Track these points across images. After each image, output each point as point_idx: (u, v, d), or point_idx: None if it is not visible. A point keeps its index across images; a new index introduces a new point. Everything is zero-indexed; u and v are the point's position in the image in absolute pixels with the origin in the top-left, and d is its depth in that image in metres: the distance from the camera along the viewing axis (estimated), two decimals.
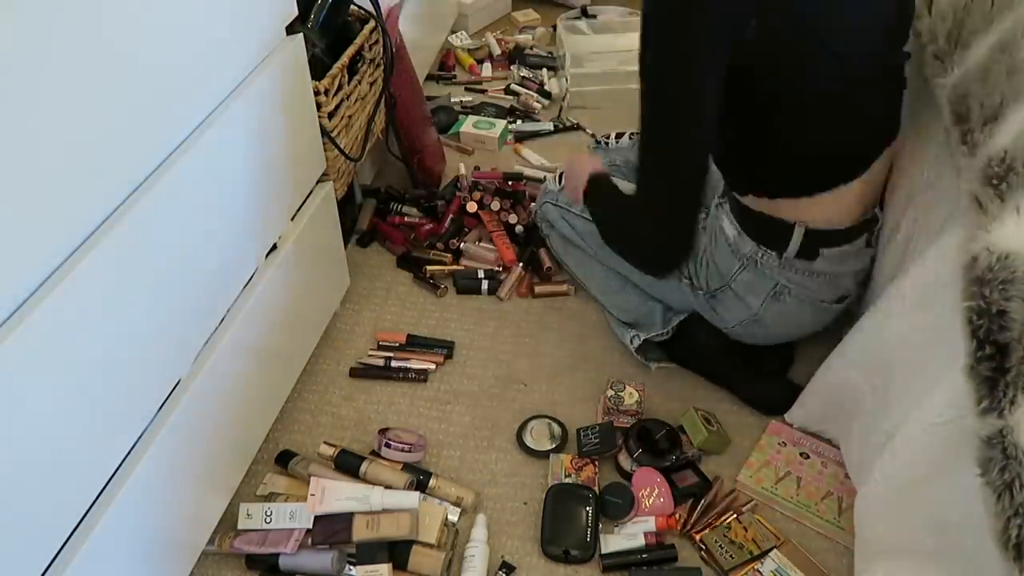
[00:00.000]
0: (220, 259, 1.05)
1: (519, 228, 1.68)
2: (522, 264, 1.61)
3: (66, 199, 0.76)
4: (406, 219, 1.72)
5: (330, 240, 1.42)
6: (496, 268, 1.62)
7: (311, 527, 1.14)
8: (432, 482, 1.22)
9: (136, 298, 0.88)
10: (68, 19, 0.72)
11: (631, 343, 1.40)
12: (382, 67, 1.50)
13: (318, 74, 1.26)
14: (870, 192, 1.17)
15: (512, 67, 2.28)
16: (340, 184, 1.42)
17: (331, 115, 1.32)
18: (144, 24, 0.83)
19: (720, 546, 1.14)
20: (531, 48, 2.36)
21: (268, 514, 1.15)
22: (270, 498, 1.21)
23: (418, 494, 1.18)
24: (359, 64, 1.41)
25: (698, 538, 1.16)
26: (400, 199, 1.75)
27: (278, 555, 1.12)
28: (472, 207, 1.69)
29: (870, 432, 1.12)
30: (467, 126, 1.99)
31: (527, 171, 1.86)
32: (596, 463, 1.26)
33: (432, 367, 1.44)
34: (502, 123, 2.00)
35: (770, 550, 1.14)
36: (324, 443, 1.27)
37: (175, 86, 0.91)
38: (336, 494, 1.16)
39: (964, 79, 0.96)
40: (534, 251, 1.63)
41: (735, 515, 1.19)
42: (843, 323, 1.39)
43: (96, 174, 0.80)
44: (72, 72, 0.74)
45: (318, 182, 1.34)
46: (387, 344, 1.48)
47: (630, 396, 1.34)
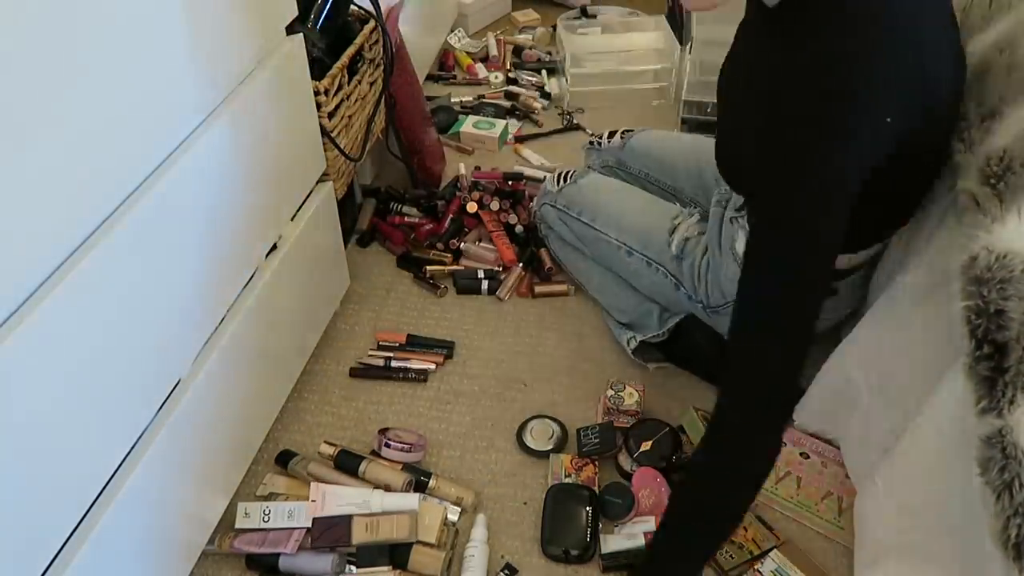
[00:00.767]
0: (220, 259, 1.05)
1: (519, 228, 1.68)
2: (522, 264, 1.61)
3: (66, 199, 0.76)
4: (406, 219, 1.72)
5: (330, 240, 1.42)
6: (496, 268, 1.62)
7: (310, 527, 1.14)
8: (432, 482, 1.22)
9: (136, 298, 0.88)
10: (68, 18, 0.72)
11: (628, 345, 1.40)
12: (382, 67, 1.50)
13: (318, 74, 1.26)
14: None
15: (511, 72, 2.28)
16: (340, 184, 1.43)
17: (331, 115, 1.32)
18: (144, 24, 0.83)
19: None
20: (531, 48, 2.36)
21: (266, 513, 1.15)
22: (270, 498, 1.21)
23: (418, 496, 1.18)
24: (359, 64, 1.42)
25: None
26: (400, 199, 1.75)
27: (278, 555, 1.12)
28: (472, 207, 1.69)
29: (870, 432, 1.12)
30: (467, 126, 1.99)
31: (527, 171, 1.86)
32: (596, 463, 1.26)
33: (432, 367, 1.44)
34: (502, 123, 2.00)
35: (770, 550, 1.14)
36: (324, 443, 1.27)
37: (175, 86, 0.91)
38: (336, 500, 1.16)
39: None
40: (534, 251, 1.63)
41: None
42: (843, 323, 1.39)
43: (95, 174, 0.80)
44: (72, 71, 0.74)
45: (318, 182, 1.34)
46: (387, 344, 1.48)
47: (630, 396, 1.34)
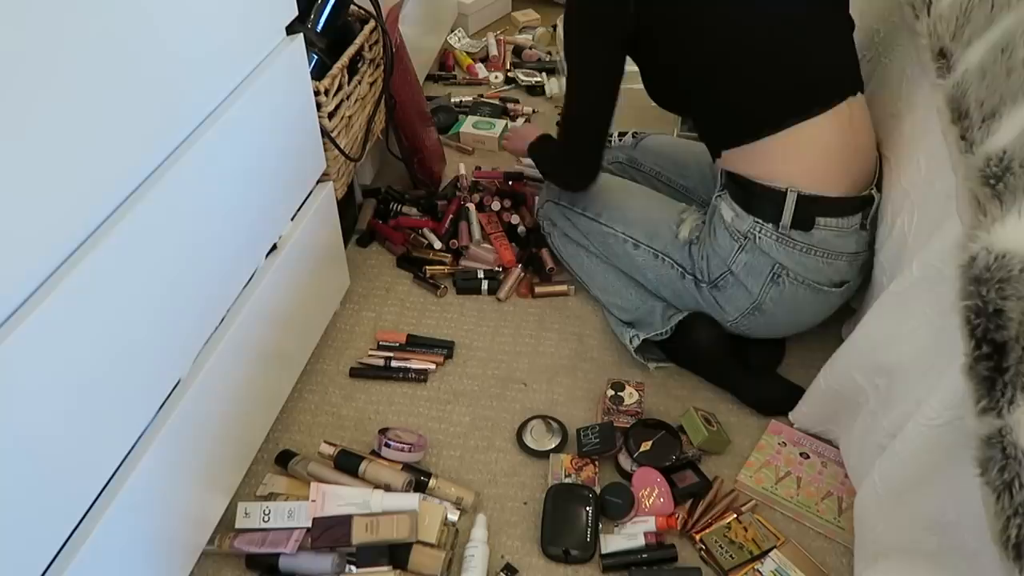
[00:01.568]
0: (220, 259, 1.05)
1: (521, 229, 1.68)
2: (521, 266, 1.61)
3: (66, 199, 0.76)
4: (407, 219, 1.72)
5: (330, 240, 1.42)
6: (496, 268, 1.62)
7: (310, 527, 1.14)
8: (432, 482, 1.22)
9: (136, 298, 0.88)
10: (68, 18, 0.72)
11: (630, 343, 1.40)
12: (382, 67, 1.50)
13: (318, 74, 1.26)
14: (850, 154, 1.21)
15: (510, 71, 2.28)
16: (340, 184, 1.43)
17: (331, 115, 1.32)
18: (144, 24, 0.83)
19: (720, 546, 1.14)
20: (531, 48, 2.36)
21: (266, 513, 1.15)
22: (270, 498, 1.21)
23: (418, 496, 1.18)
24: (359, 64, 1.42)
25: (698, 538, 1.16)
26: (400, 199, 1.75)
27: (278, 555, 1.12)
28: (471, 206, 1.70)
29: (870, 432, 1.12)
30: (467, 126, 1.99)
31: (527, 171, 1.86)
32: (596, 463, 1.26)
33: (432, 367, 1.44)
34: (502, 123, 2.00)
35: (770, 550, 1.14)
36: (324, 443, 1.27)
37: (175, 86, 0.91)
38: (336, 500, 1.16)
39: (964, 78, 0.96)
40: (536, 252, 1.63)
41: (735, 515, 1.19)
42: (843, 323, 1.39)
43: (96, 174, 0.80)
44: (73, 72, 0.74)
45: (318, 182, 1.34)
46: (387, 344, 1.48)
47: (630, 396, 1.34)
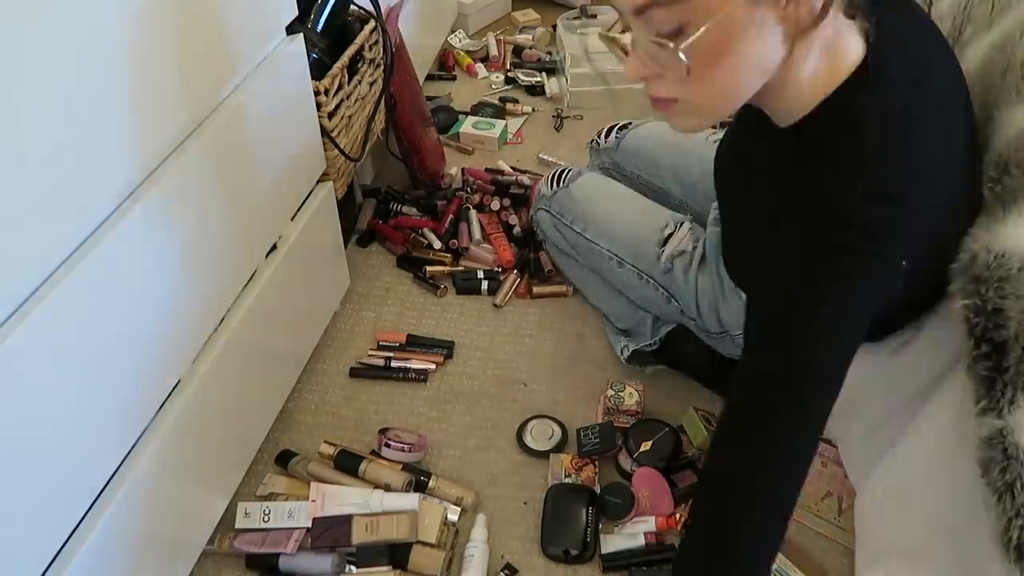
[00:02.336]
0: (220, 258, 1.05)
1: (517, 230, 1.68)
2: (517, 270, 1.61)
3: (65, 198, 0.76)
4: (410, 219, 1.72)
5: (330, 240, 1.42)
6: (496, 269, 1.62)
7: (310, 527, 1.14)
8: (432, 482, 1.22)
9: (136, 298, 0.88)
10: (69, 18, 0.72)
11: (621, 354, 1.40)
12: (382, 67, 1.50)
13: (318, 74, 1.26)
14: None
15: (510, 71, 2.27)
16: (340, 184, 1.43)
17: (331, 115, 1.31)
18: (144, 24, 0.83)
19: None
20: (531, 48, 2.35)
21: (266, 513, 1.15)
22: (270, 498, 1.20)
23: (418, 496, 1.18)
24: (359, 64, 1.41)
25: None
26: (400, 199, 1.75)
27: (278, 555, 1.12)
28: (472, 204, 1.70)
29: (870, 433, 1.12)
30: (467, 126, 1.99)
31: (506, 168, 1.89)
32: (596, 463, 1.26)
33: (432, 367, 1.44)
34: (501, 123, 2.00)
35: None
36: (324, 443, 1.27)
37: (174, 86, 0.91)
38: (336, 500, 1.16)
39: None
40: (534, 254, 1.62)
41: None
42: None
43: (96, 174, 0.80)
44: (73, 72, 0.74)
45: (318, 182, 1.34)
46: (387, 344, 1.48)
47: (630, 396, 1.34)
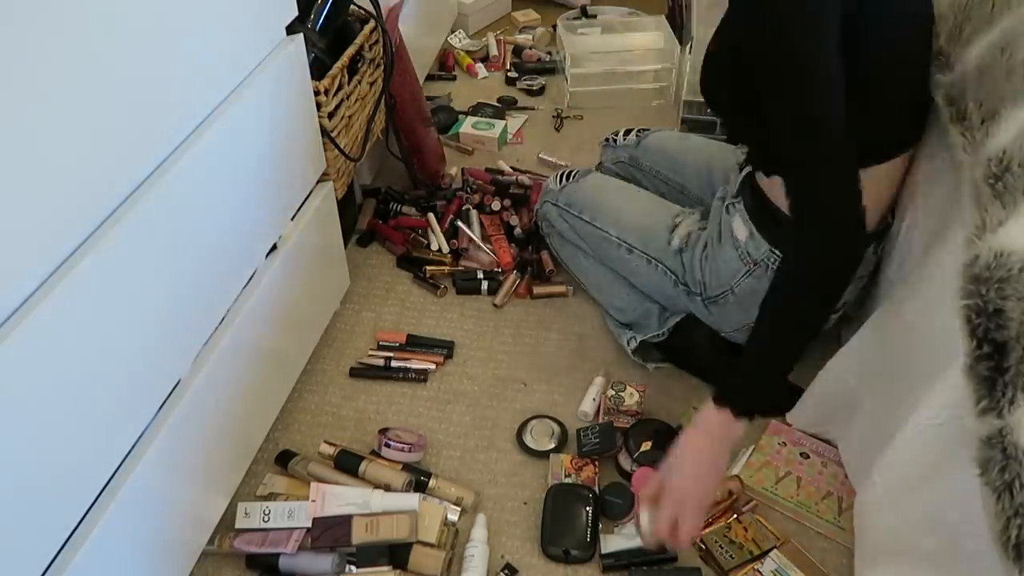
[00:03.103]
0: (220, 259, 1.05)
1: (518, 231, 1.68)
2: (517, 270, 1.61)
3: (66, 199, 0.76)
4: (410, 219, 1.72)
5: (330, 240, 1.43)
6: (495, 269, 1.62)
7: (310, 527, 1.14)
8: (432, 482, 1.22)
9: (136, 298, 0.88)
10: (69, 17, 0.72)
11: (628, 344, 1.40)
12: (382, 67, 1.50)
13: (318, 74, 1.26)
14: (886, 194, 1.13)
15: (510, 71, 2.27)
16: (340, 184, 1.43)
17: (331, 115, 1.32)
18: (144, 24, 0.83)
19: (720, 546, 1.14)
20: (531, 48, 2.35)
21: (266, 513, 1.15)
22: (270, 498, 1.20)
23: (418, 496, 1.18)
24: (359, 64, 1.42)
25: (698, 538, 1.16)
26: (400, 199, 1.75)
27: (278, 555, 1.12)
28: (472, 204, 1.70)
29: (869, 433, 1.12)
30: (466, 127, 1.99)
31: (506, 168, 1.89)
32: (596, 463, 1.26)
33: (432, 367, 1.44)
34: (501, 124, 2.00)
35: (770, 550, 1.14)
36: (324, 443, 1.27)
37: (175, 86, 0.91)
38: (336, 500, 1.16)
39: (963, 78, 0.96)
40: (536, 255, 1.62)
41: (735, 515, 1.19)
42: (842, 324, 1.39)
43: (96, 174, 0.80)
44: (73, 72, 0.74)
45: (318, 182, 1.34)
46: (387, 344, 1.48)
47: (630, 396, 1.34)
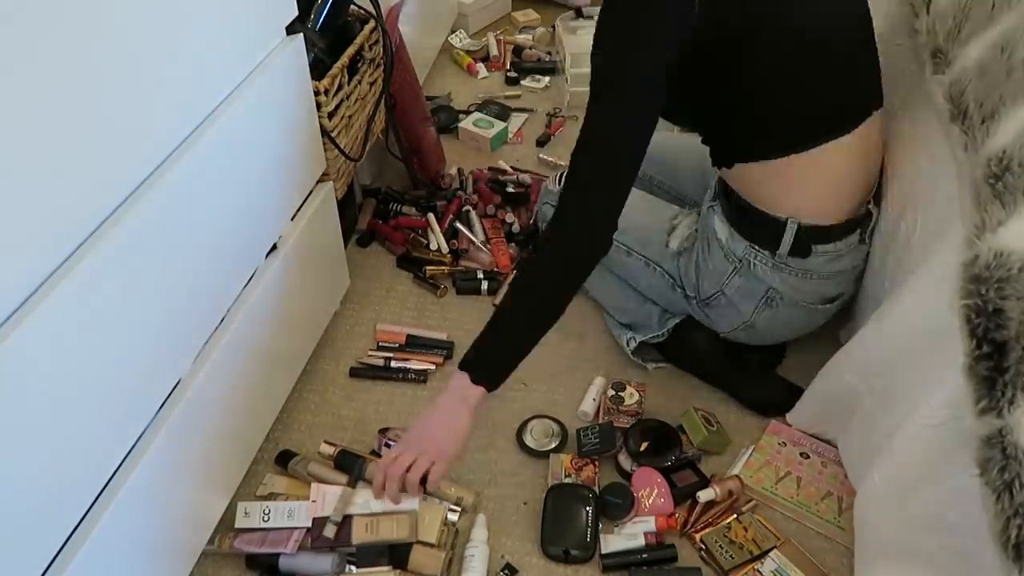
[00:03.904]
0: (220, 259, 1.05)
1: (516, 228, 1.68)
2: (516, 271, 1.60)
3: (66, 199, 0.76)
4: (410, 219, 1.72)
5: (330, 240, 1.43)
6: (495, 269, 1.62)
7: (310, 527, 1.14)
8: None
9: (136, 298, 0.88)
10: (69, 17, 0.72)
11: (627, 345, 1.40)
12: (382, 67, 1.50)
13: (318, 74, 1.26)
14: (862, 180, 1.17)
15: (510, 71, 2.27)
16: (340, 184, 1.43)
17: (331, 115, 1.32)
18: (144, 24, 0.83)
19: (720, 546, 1.14)
20: (531, 48, 2.35)
21: (266, 513, 1.15)
22: (270, 498, 1.20)
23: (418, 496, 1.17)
24: (359, 64, 1.41)
25: (698, 538, 1.16)
26: (400, 199, 1.75)
27: (278, 555, 1.12)
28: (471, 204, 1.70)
29: (869, 433, 1.12)
30: (467, 123, 1.99)
31: (506, 167, 1.89)
32: (596, 463, 1.26)
33: (432, 368, 1.44)
34: (501, 124, 2.00)
35: (770, 550, 1.14)
36: (324, 443, 1.27)
37: (175, 86, 0.91)
38: (337, 500, 1.16)
39: (962, 77, 0.96)
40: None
41: (735, 515, 1.19)
42: (841, 324, 1.39)
43: (96, 174, 0.80)
44: (73, 72, 0.74)
45: (318, 182, 1.34)
46: (387, 344, 1.48)
47: (630, 396, 1.34)
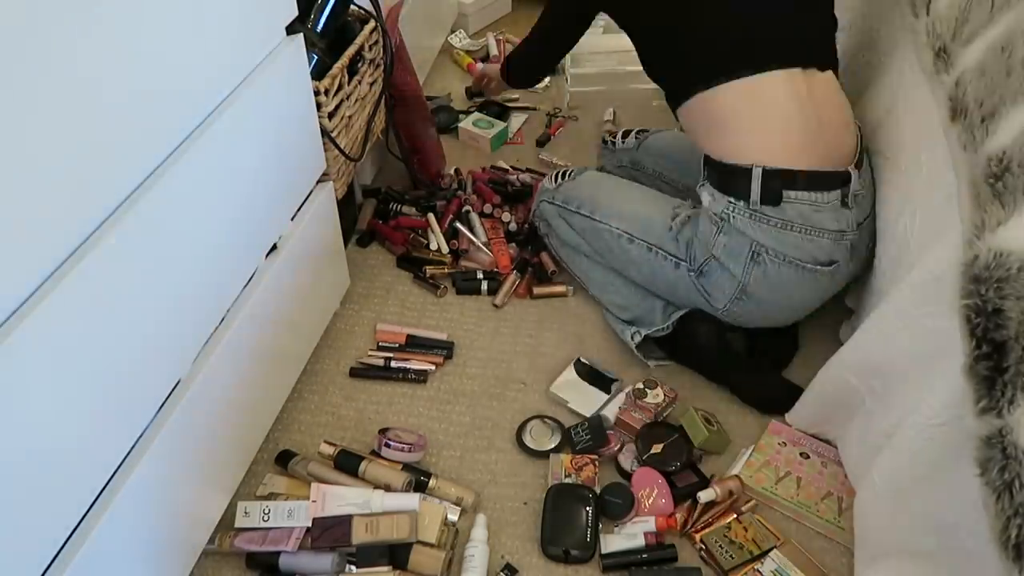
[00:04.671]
0: (220, 259, 1.05)
1: (512, 226, 1.68)
2: (516, 270, 1.61)
3: (66, 199, 0.76)
4: (410, 219, 1.72)
5: (330, 240, 1.43)
6: (495, 269, 1.62)
7: (310, 526, 1.14)
8: (432, 482, 1.22)
9: (136, 298, 0.88)
10: (68, 18, 0.72)
11: (632, 339, 1.40)
12: (382, 67, 1.50)
13: (318, 74, 1.26)
14: (813, 127, 1.21)
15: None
16: (340, 184, 1.43)
17: (331, 115, 1.32)
18: (144, 25, 0.83)
19: (720, 546, 1.14)
20: None
21: (266, 512, 1.15)
22: (270, 498, 1.20)
23: (418, 496, 1.18)
24: (359, 64, 1.42)
25: (698, 538, 1.16)
26: (400, 199, 1.75)
27: (278, 554, 1.12)
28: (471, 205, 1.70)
29: (869, 433, 1.12)
30: (467, 123, 1.99)
31: (507, 167, 1.89)
32: (596, 463, 1.26)
33: (432, 368, 1.44)
34: (501, 125, 2.00)
35: (770, 550, 1.14)
36: (324, 443, 1.27)
37: (175, 86, 0.91)
38: (337, 500, 1.16)
39: (963, 77, 0.96)
40: (536, 257, 1.62)
41: (735, 515, 1.19)
42: (841, 323, 1.39)
43: (96, 174, 0.80)
44: (73, 72, 0.74)
45: (318, 182, 1.34)
46: (387, 345, 1.48)
47: (655, 396, 1.32)
